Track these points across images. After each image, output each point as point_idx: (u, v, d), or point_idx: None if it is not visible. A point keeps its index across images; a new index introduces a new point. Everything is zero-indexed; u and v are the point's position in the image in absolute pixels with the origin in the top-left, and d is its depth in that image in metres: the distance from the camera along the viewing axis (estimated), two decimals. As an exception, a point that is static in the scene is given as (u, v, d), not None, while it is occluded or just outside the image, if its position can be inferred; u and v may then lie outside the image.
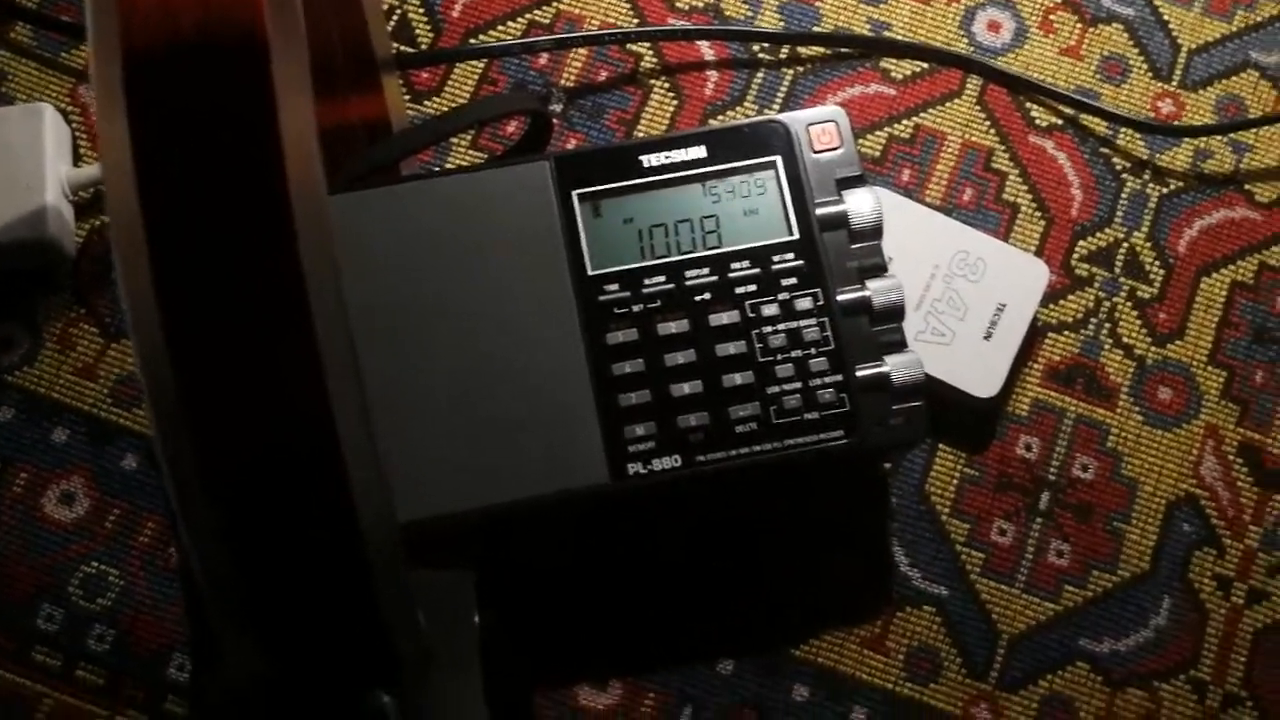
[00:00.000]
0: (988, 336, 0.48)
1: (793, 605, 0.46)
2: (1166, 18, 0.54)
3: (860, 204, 0.45)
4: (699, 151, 0.45)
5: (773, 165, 0.45)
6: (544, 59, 0.53)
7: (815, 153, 0.46)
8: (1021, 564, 0.47)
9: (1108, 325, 0.50)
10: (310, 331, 0.27)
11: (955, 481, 0.48)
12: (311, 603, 0.29)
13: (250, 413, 0.27)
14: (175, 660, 0.45)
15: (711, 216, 0.45)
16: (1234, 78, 0.54)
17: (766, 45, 0.53)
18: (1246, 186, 0.52)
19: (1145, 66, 0.54)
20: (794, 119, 0.46)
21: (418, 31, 0.53)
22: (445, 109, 0.52)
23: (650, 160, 0.45)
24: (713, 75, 0.53)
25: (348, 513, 0.28)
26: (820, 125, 0.46)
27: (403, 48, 0.53)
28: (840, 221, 0.45)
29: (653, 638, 0.46)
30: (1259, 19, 0.54)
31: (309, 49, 0.43)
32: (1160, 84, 0.54)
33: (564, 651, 0.46)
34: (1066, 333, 0.50)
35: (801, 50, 0.53)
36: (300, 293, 0.28)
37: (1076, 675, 0.46)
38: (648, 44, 0.53)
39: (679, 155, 0.45)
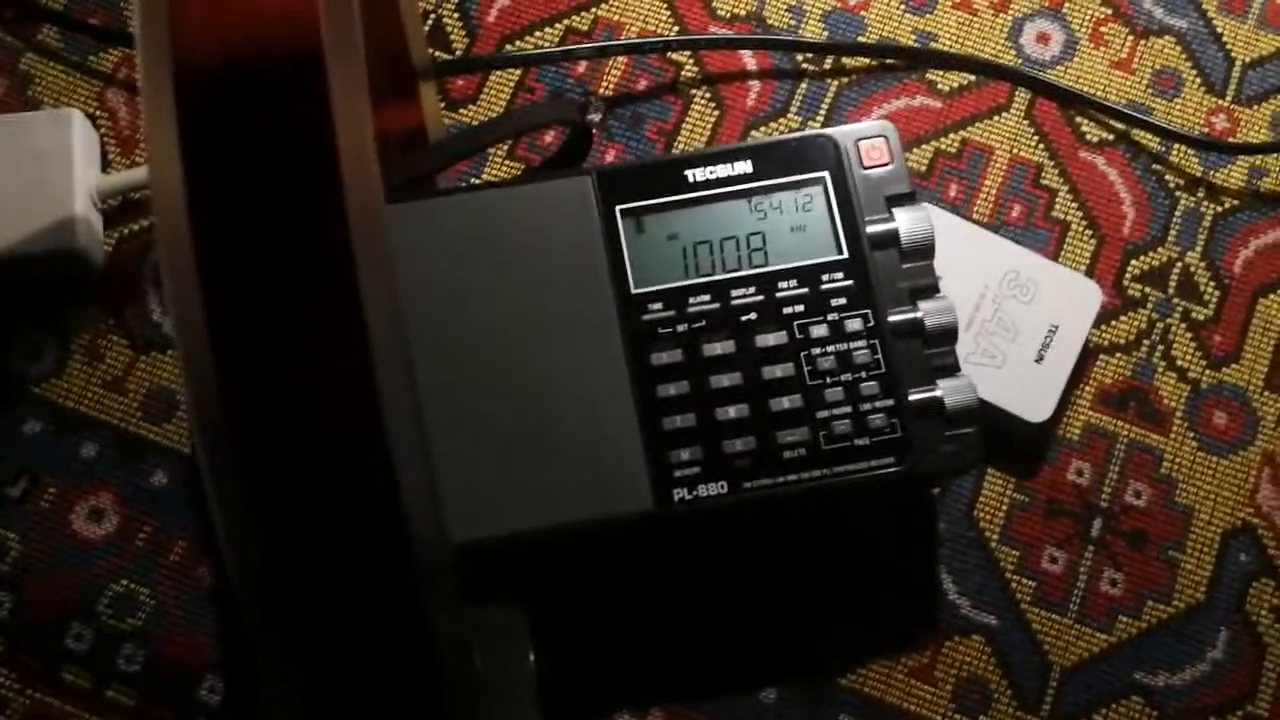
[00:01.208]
0: (1039, 359, 0.47)
1: (837, 633, 0.45)
2: (1220, 30, 0.53)
3: (912, 222, 0.43)
4: (745, 166, 0.44)
5: (821, 181, 0.44)
6: (582, 67, 0.52)
7: (865, 169, 0.44)
8: (1074, 593, 0.46)
9: (1161, 348, 0.49)
10: (366, 345, 0.26)
11: (1005, 507, 0.47)
12: (358, 632, 0.28)
13: (299, 425, 0.26)
14: (207, 682, 0.44)
15: (758, 234, 0.44)
16: (1290, 92, 0.52)
17: (810, 56, 0.52)
18: (1304, 205, 0.51)
19: (1199, 81, 0.52)
20: (843, 134, 0.44)
21: (452, 37, 0.52)
22: (481, 116, 0.51)
23: (695, 175, 0.44)
24: (755, 85, 0.52)
25: (399, 532, 0.27)
26: (870, 140, 0.45)
27: (438, 53, 0.52)
28: (891, 240, 0.43)
29: (694, 665, 0.45)
30: (1318, 32, 0.53)
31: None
32: (1214, 99, 0.52)
33: (604, 679, 0.44)
34: (1119, 355, 0.49)
35: (846, 61, 0.52)
36: (356, 305, 0.27)
37: (1131, 709, 0.45)
38: (689, 53, 0.52)
39: (725, 170, 0.44)
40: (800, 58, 0.52)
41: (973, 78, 0.52)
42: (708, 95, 0.52)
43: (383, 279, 0.27)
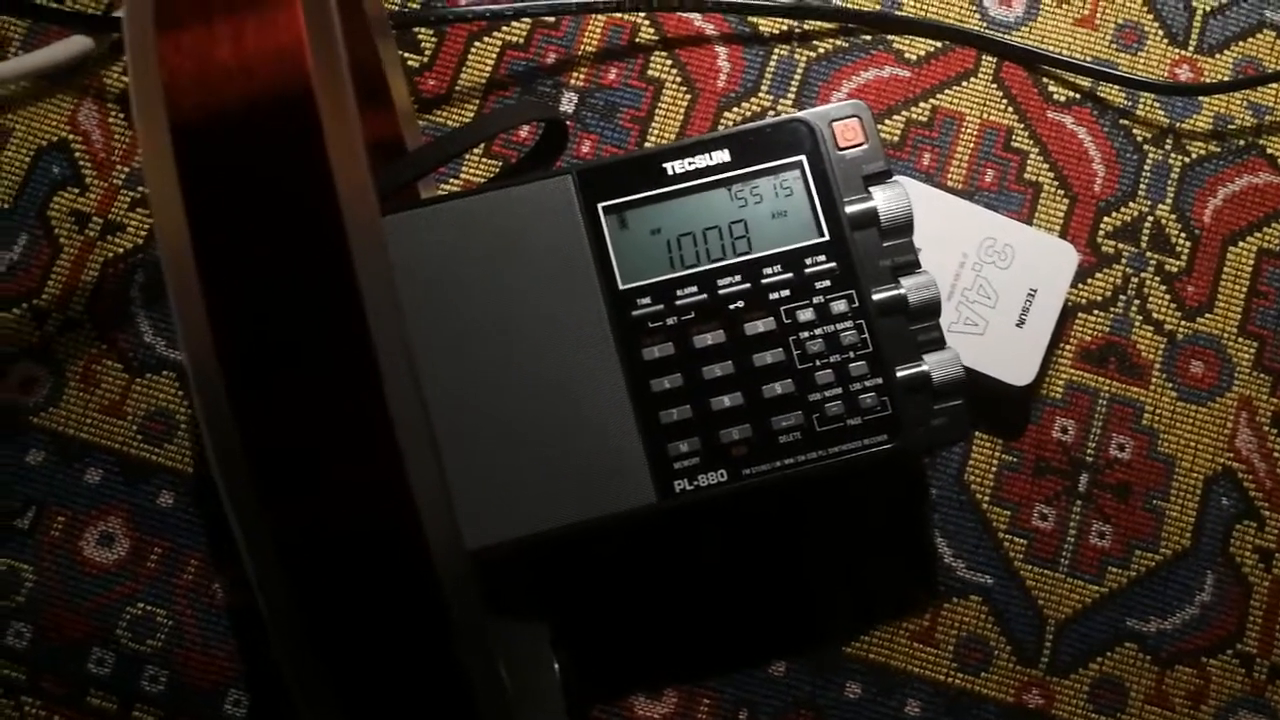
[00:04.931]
0: (1020, 323, 0.48)
1: (840, 603, 0.47)
2: (1179, -21, 0.54)
3: (889, 200, 0.44)
4: (723, 155, 0.45)
5: (799, 165, 0.44)
6: (552, 58, 0.52)
7: (840, 150, 0.45)
8: (1064, 548, 0.48)
9: (1137, 302, 0.50)
10: (380, 394, 0.27)
11: (994, 469, 0.48)
12: (393, 670, 0.29)
13: (320, 476, 0.27)
14: (231, 696, 0.45)
15: (740, 221, 0.44)
16: (1250, 39, 0.53)
17: (778, 31, 0.52)
18: (1269, 151, 0.52)
19: (1161, 33, 0.53)
20: (817, 115, 0.45)
21: (420, 36, 0.52)
22: (455, 116, 0.51)
23: (674, 168, 0.45)
24: (724, 67, 0.52)
25: (419, 549, 0.28)
26: (844, 121, 0.45)
27: (406, 55, 0.52)
28: (870, 219, 0.44)
29: (703, 644, 0.46)
30: (1275, -22, 0.54)
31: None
32: (1177, 50, 0.53)
33: (616, 663, 0.46)
34: (1096, 312, 0.50)
35: (814, 35, 0.52)
36: (366, 342, 0.28)
37: (1125, 656, 0.47)
38: (657, 38, 0.52)
39: (703, 160, 0.45)
40: (767, 32, 0.52)
41: (940, 44, 0.53)
42: (679, 80, 0.52)
43: (389, 311, 0.28)
